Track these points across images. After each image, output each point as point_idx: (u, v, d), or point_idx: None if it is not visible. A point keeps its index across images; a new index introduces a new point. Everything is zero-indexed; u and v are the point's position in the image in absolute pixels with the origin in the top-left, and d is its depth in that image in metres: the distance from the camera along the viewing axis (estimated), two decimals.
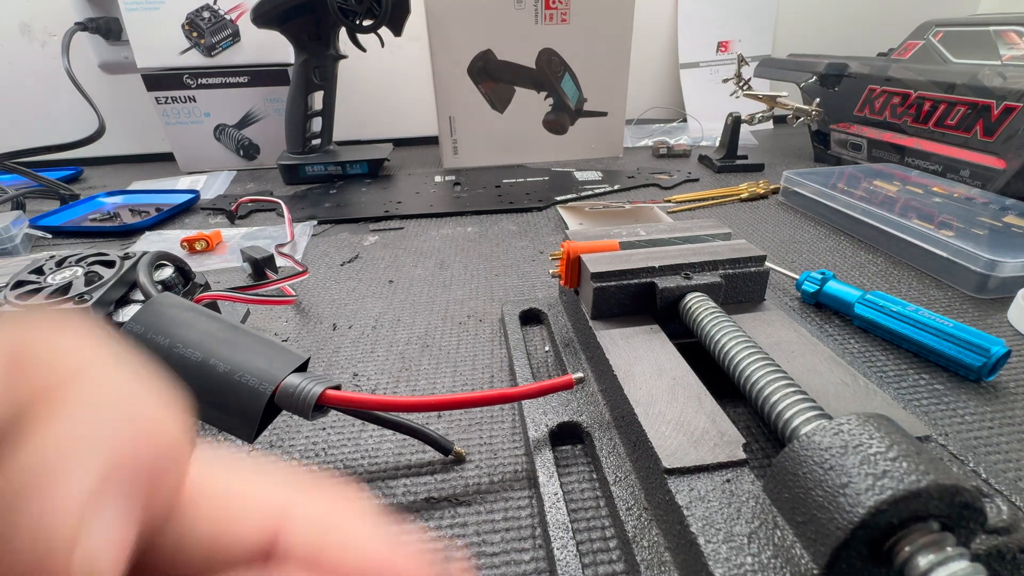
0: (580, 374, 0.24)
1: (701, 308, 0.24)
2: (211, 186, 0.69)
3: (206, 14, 0.70)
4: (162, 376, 0.12)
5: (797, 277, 0.37)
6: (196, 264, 0.45)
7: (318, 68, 0.66)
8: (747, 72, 0.73)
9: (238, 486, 0.11)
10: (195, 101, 0.74)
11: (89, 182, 0.78)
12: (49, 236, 0.53)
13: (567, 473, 0.23)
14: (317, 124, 0.70)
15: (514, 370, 0.29)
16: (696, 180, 0.66)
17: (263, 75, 0.73)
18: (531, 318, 0.35)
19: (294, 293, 0.38)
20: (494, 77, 0.71)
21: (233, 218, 0.58)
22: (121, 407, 0.09)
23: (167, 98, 0.74)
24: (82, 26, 0.73)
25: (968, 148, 0.54)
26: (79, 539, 0.08)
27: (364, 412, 0.24)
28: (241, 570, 0.11)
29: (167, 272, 0.29)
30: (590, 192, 0.62)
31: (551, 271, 0.31)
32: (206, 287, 0.31)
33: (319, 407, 0.22)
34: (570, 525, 0.20)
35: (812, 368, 0.22)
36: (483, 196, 0.62)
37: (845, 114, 0.68)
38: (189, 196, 0.62)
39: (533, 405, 0.25)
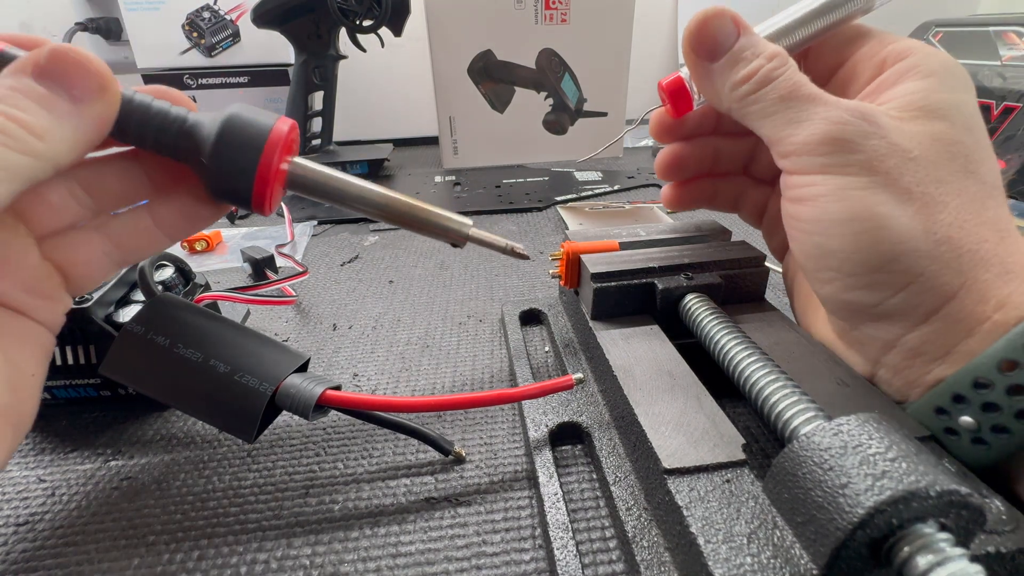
0: (580, 375, 0.24)
1: (701, 308, 0.24)
2: None
3: (206, 14, 0.70)
4: None
5: None
6: (196, 264, 0.45)
7: (318, 68, 0.66)
8: None
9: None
10: (196, 101, 0.74)
11: None
12: None
13: (567, 473, 0.23)
14: (317, 124, 0.70)
15: (514, 370, 0.29)
16: None
17: (263, 75, 0.73)
18: (531, 318, 0.35)
19: (294, 293, 0.38)
20: (494, 77, 0.71)
21: (233, 218, 0.58)
22: None
23: None
24: (82, 26, 0.73)
25: None
26: None
27: (364, 412, 0.24)
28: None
29: (167, 272, 0.29)
30: (590, 192, 0.62)
31: (551, 271, 0.31)
32: (206, 287, 0.31)
33: (319, 407, 0.22)
34: (570, 525, 0.20)
35: (812, 368, 0.22)
36: (483, 196, 0.62)
37: None
38: None
39: (533, 405, 0.25)
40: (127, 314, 0.26)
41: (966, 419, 0.18)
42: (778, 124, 0.21)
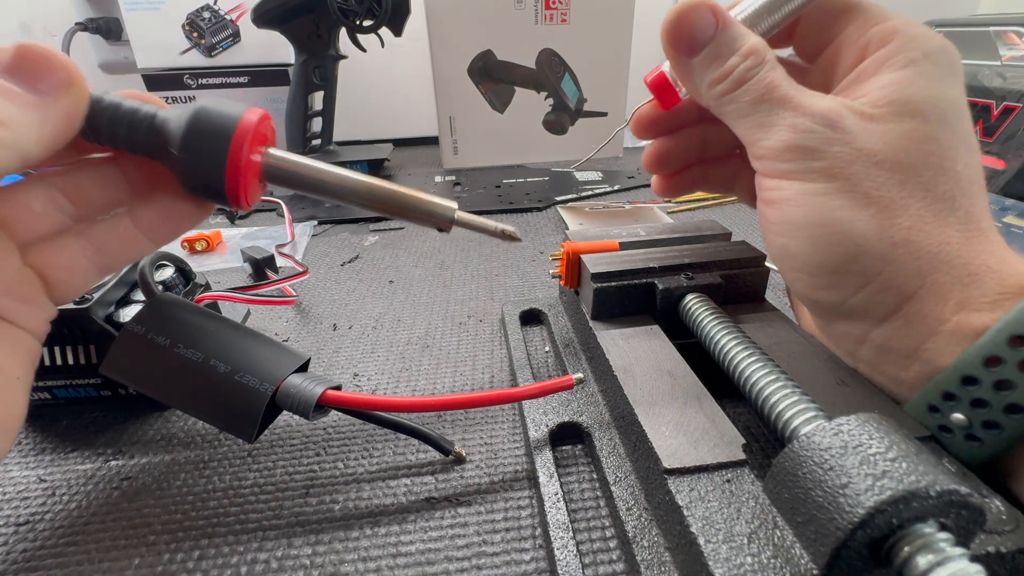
0: (580, 375, 0.24)
1: (701, 308, 0.24)
2: None
3: (206, 14, 0.70)
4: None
5: None
6: (196, 264, 0.45)
7: (318, 68, 0.66)
8: None
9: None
10: (196, 101, 0.74)
11: None
12: None
13: (567, 473, 0.23)
14: (317, 124, 0.70)
15: (514, 370, 0.29)
16: None
17: (263, 75, 0.73)
18: (531, 318, 0.35)
19: (294, 293, 0.38)
20: (494, 77, 0.71)
21: (233, 218, 0.58)
22: None
23: (168, 98, 0.74)
24: (82, 26, 0.73)
25: None
26: None
27: (365, 412, 0.24)
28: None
29: (167, 272, 0.29)
30: (590, 192, 0.62)
31: (551, 271, 0.31)
32: (206, 287, 0.31)
33: (320, 407, 0.22)
34: (570, 525, 0.20)
35: (812, 368, 0.23)
36: (483, 196, 0.62)
37: None
38: None
39: (533, 405, 0.25)
40: (127, 314, 0.26)
41: (958, 416, 0.18)
42: (751, 127, 0.20)
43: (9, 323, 0.18)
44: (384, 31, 0.63)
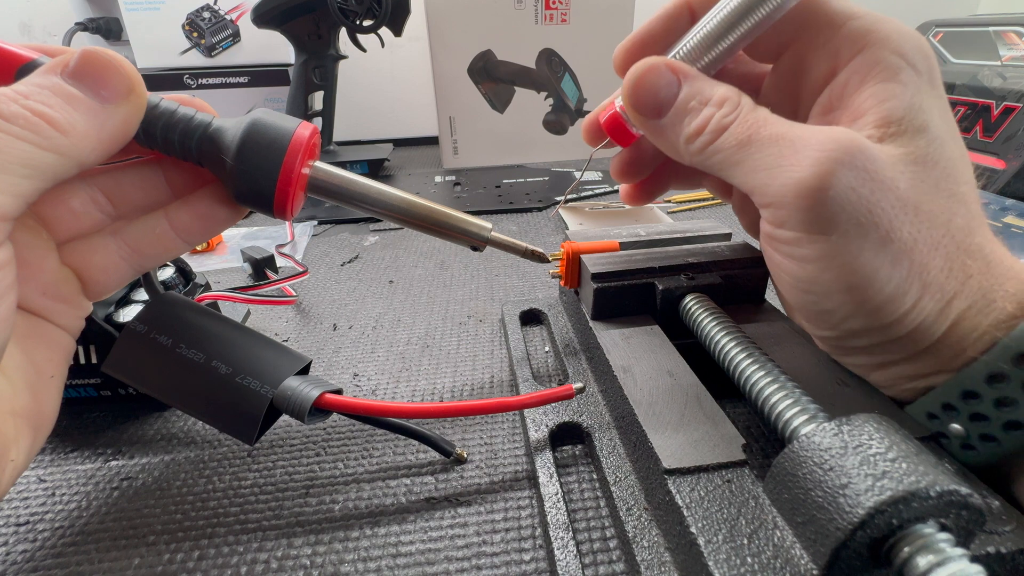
0: (580, 384, 0.24)
1: (701, 309, 0.24)
2: None
3: (206, 14, 0.70)
4: None
5: None
6: (196, 264, 0.45)
7: (318, 68, 0.66)
8: None
9: None
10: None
11: None
12: None
13: (567, 473, 0.23)
14: (317, 124, 0.70)
15: (514, 371, 0.29)
16: None
17: (263, 75, 0.73)
18: (531, 318, 0.35)
19: (294, 293, 0.38)
20: (494, 77, 0.71)
21: None
22: None
23: None
24: (82, 26, 0.73)
25: (967, 148, 0.54)
26: None
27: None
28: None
29: (168, 272, 0.29)
30: (590, 192, 0.62)
31: (551, 271, 0.31)
32: (206, 287, 0.31)
33: (318, 411, 0.22)
34: (570, 525, 0.20)
35: (812, 368, 0.23)
36: (483, 196, 0.62)
37: None
38: None
39: None
40: (127, 314, 0.26)
41: (955, 426, 0.18)
42: (747, 172, 0.18)
43: (47, 322, 0.18)
44: (384, 31, 0.63)
